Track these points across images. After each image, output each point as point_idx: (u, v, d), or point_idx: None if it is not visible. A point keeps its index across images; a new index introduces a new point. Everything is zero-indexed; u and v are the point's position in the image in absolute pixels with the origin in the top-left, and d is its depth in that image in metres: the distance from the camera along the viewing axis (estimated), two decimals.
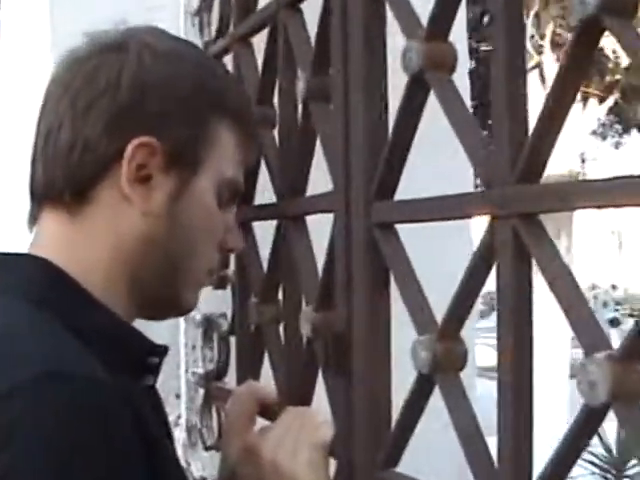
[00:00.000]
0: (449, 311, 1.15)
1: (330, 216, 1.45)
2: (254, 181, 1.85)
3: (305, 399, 1.57)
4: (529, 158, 1.00)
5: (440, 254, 2.42)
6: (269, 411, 1.49)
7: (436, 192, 1.18)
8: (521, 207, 1.02)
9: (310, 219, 1.62)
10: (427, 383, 1.19)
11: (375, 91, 1.34)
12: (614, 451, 9.25)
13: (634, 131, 14.23)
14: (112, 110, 1.25)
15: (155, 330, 2.44)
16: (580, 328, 0.93)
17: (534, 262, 1.02)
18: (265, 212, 1.77)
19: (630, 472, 9.36)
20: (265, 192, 1.80)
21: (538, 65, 10.12)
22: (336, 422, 1.38)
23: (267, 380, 1.76)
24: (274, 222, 1.73)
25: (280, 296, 1.74)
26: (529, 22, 9.59)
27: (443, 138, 1.42)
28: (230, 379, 2.07)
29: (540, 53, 10.06)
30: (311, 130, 1.54)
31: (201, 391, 2.23)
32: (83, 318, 1.19)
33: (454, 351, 1.17)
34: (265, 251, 1.78)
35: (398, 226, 1.31)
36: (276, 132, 1.75)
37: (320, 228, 1.55)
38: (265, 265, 1.79)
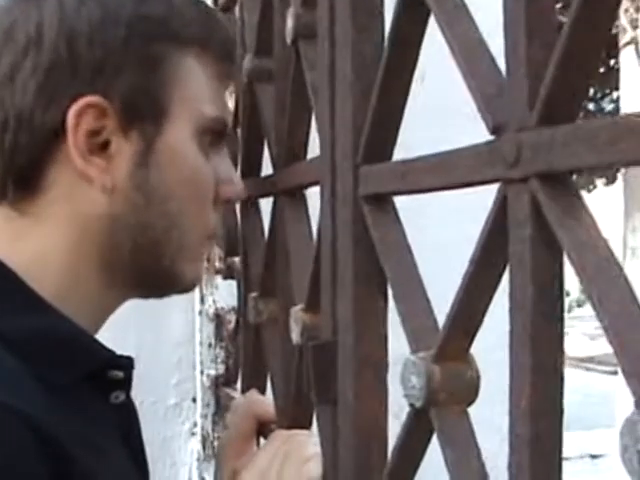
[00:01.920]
0: (451, 318, 0.80)
1: None
2: (260, 149, 1.52)
3: (302, 418, 1.25)
4: (553, 88, 0.66)
5: (452, 238, 2.05)
6: (267, 430, 1.34)
7: None
8: (540, 162, 0.67)
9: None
10: (423, 420, 0.85)
11: (367, 20, 1.00)
12: None
13: None
14: (39, 71, 1.04)
15: (168, 326, 2.16)
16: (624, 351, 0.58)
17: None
18: (265, 186, 1.44)
19: None
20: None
21: (634, 40, 9.56)
22: (323, 457, 1.05)
23: None
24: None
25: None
26: None
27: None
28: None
29: (636, 27, 9.49)
30: (303, 79, 1.20)
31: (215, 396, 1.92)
32: (15, 322, 1.03)
33: (458, 376, 0.83)
34: None
35: (398, 199, 0.97)
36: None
37: None
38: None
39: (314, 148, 1.30)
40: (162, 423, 2.11)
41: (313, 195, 1.32)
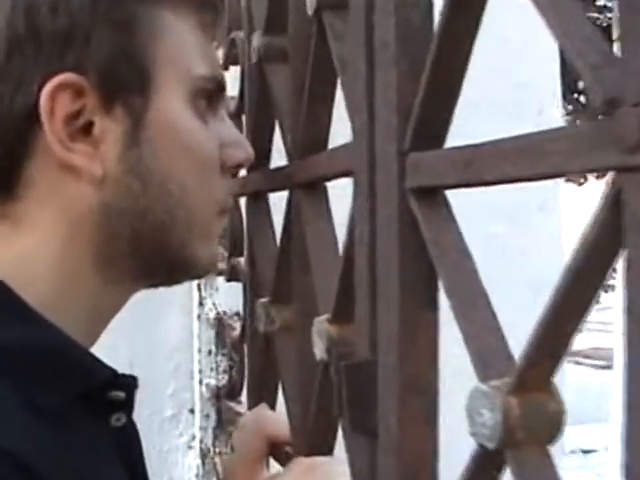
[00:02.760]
0: (536, 339, 0.65)
1: None
2: (269, 137, 1.37)
3: (323, 441, 1.10)
4: None
5: (516, 243, 1.91)
6: (280, 452, 1.22)
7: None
8: None
9: (337, 186, 1.13)
10: (493, 461, 0.69)
11: None
12: None
13: None
14: None
15: (163, 331, 2.00)
16: None
17: None
18: (277, 178, 1.28)
19: None
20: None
21: None
22: None
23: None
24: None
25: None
26: None
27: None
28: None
29: None
30: (327, 55, 1.04)
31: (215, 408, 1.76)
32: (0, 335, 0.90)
33: (540, 410, 0.67)
34: None
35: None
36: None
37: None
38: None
39: (334, 136, 1.15)
40: (158, 436, 1.95)
41: (332, 189, 1.17)
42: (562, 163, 0.61)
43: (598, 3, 12.89)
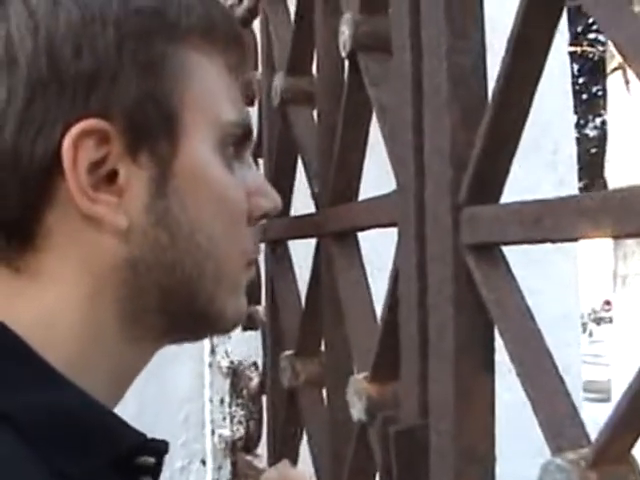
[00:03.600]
0: (620, 410, 0.60)
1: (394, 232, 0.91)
2: (290, 184, 1.32)
3: None
4: None
5: (532, 284, 1.86)
6: None
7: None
8: None
9: (368, 237, 1.09)
10: None
11: (465, 24, 0.79)
12: None
13: None
14: (16, 98, 0.84)
15: (174, 379, 1.95)
16: None
17: None
18: (302, 226, 1.23)
19: None
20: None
21: (621, 66, 9.43)
22: None
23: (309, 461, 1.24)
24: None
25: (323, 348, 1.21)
26: None
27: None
28: (263, 450, 1.55)
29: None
30: (363, 100, 1.00)
31: (229, 461, 1.70)
32: (23, 400, 0.83)
33: None
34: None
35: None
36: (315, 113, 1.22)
37: (383, 250, 1.03)
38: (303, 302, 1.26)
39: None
40: None
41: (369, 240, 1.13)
42: (594, 227, 0.56)
43: (590, 36, 12.95)
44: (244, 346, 1.67)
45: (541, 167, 2.14)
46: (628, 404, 0.60)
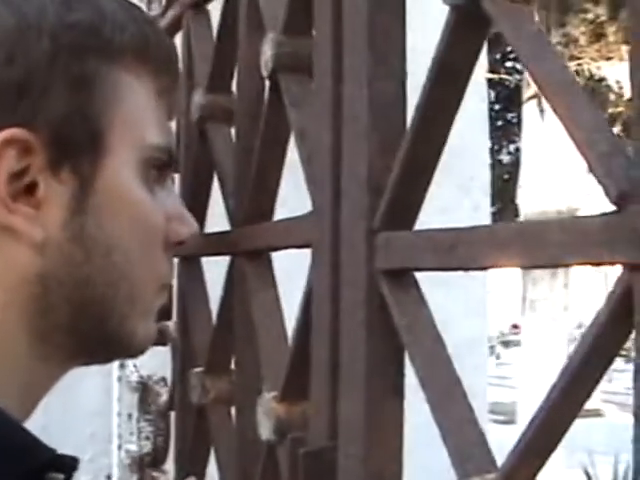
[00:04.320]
0: (528, 437, 0.61)
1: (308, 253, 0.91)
2: (205, 200, 1.32)
3: None
4: None
5: (440, 306, 1.89)
6: None
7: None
8: None
9: (283, 256, 1.09)
10: None
11: (388, 50, 0.80)
12: None
13: None
14: None
15: (81, 393, 1.92)
16: None
17: None
18: (216, 243, 1.23)
19: None
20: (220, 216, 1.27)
21: (537, 95, 9.60)
22: None
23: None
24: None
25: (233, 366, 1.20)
26: None
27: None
28: (171, 466, 1.53)
29: None
30: (281, 121, 1.00)
31: (136, 476, 1.68)
32: None
33: None
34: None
35: None
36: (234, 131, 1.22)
37: (298, 269, 1.03)
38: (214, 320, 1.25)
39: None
40: None
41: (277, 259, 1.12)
42: (564, 254, 0.57)
43: (507, 64, 13.15)
44: (153, 361, 1.66)
45: (456, 192, 2.17)
46: (535, 430, 0.61)
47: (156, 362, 1.70)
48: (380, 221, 0.77)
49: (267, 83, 1.05)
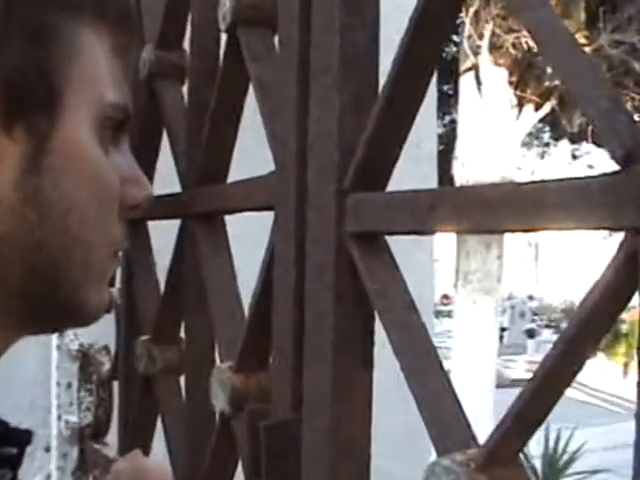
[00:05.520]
0: (516, 410, 0.57)
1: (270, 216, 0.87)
2: (153, 161, 1.27)
3: None
4: None
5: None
6: None
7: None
8: None
9: (237, 220, 1.04)
10: None
11: (359, 2, 0.75)
12: None
13: (562, 141, 13.88)
14: None
15: (19, 362, 1.85)
16: None
17: None
18: (165, 207, 1.17)
19: None
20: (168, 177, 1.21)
21: (474, 67, 9.60)
22: None
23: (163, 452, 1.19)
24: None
25: (183, 334, 1.16)
26: (467, 21, 9.07)
27: None
28: (113, 439, 1.48)
29: (477, 54, 9.53)
30: (239, 76, 0.95)
31: (76, 448, 1.63)
32: None
33: None
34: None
35: None
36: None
37: (254, 233, 0.99)
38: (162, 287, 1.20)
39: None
40: None
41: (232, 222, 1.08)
42: (563, 218, 0.53)
43: None
44: (95, 329, 1.60)
45: (402, 160, 2.13)
46: (521, 407, 0.57)
47: (98, 330, 1.64)
48: (350, 181, 0.72)
49: (224, 37, 1.00)
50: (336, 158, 0.73)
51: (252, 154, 1.07)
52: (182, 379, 1.16)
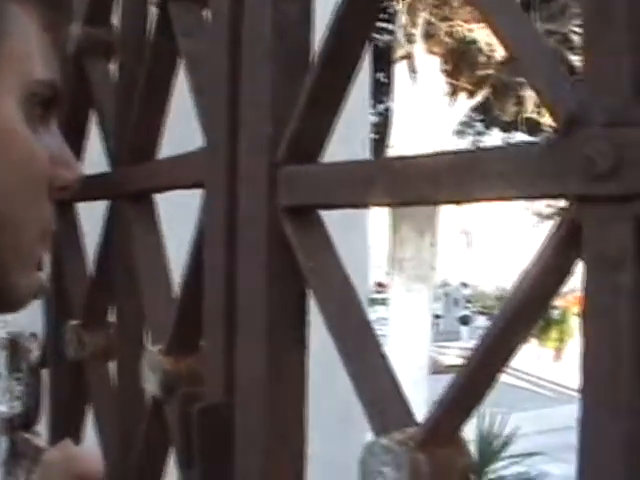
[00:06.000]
0: (456, 388, 0.55)
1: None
2: (80, 140, 1.23)
3: None
4: None
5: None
6: None
7: None
8: None
9: (166, 198, 1.01)
10: None
11: None
12: None
13: (494, 131, 13.96)
14: None
15: None
16: None
17: None
18: (94, 188, 1.14)
19: None
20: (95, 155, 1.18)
21: (408, 55, 9.60)
22: None
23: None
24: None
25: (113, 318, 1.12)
26: (402, 9, 9.07)
27: None
28: (44, 428, 1.45)
29: (411, 43, 9.54)
30: (169, 52, 0.92)
31: (6, 439, 1.58)
32: None
33: (450, 467, 0.58)
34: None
35: None
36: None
37: (186, 213, 0.96)
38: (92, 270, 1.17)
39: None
40: None
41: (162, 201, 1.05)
42: (505, 186, 0.51)
43: (378, 24, 13.15)
44: (23, 315, 1.55)
45: (335, 142, 2.11)
46: (460, 384, 0.55)
47: (26, 317, 1.60)
48: (283, 154, 0.70)
49: (154, 12, 0.97)
50: (268, 131, 0.71)
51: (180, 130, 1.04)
52: (114, 364, 1.13)
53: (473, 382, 0.55)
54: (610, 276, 0.46)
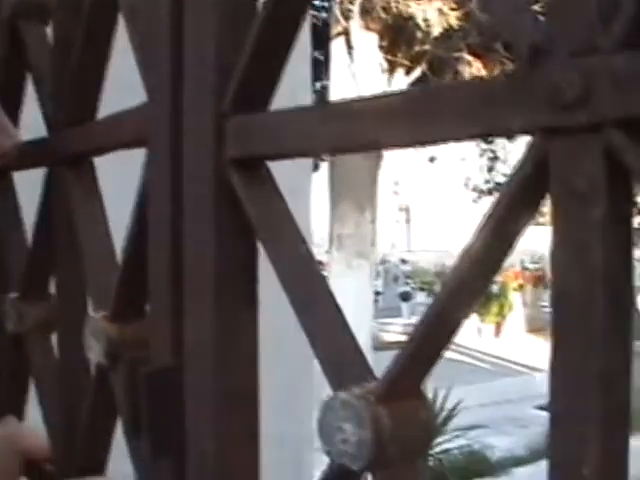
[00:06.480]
0: (416, 339, 0.53)
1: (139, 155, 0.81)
2: (16, 106, 1.19)
3: (96, 458, 0.94)
4: None
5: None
6: (39, 472, 1.03)
7: None
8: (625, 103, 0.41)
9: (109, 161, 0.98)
10: None
11: None
12: None
13: None
14: None
15: None
16: None
17: None
18: (31, 155, 1.10)
19: None
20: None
21: (345, 32, 9.59)
22: None
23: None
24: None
25: (53, 290, 1.09)
26: None
27: None
28: None
29: (348, 19, 9.51)
30: (107, 7, 0.88)
31: None
32: None
33: (412, 421, 0.55)
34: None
35: None
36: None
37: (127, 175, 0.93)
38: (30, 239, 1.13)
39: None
40: None
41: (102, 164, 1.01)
42: (464, 124, 0.49)
43: (315, 2, 13.11)
44: None
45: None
46: (421, 336, 0.53)
47: None
48: (230, 104, 0.67)
49: None
50: (213, 80, 0.68)
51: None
52: (55, 337, 1.09)
53: (434, 331, 0.53)
54: (581, 211, 0.44)
